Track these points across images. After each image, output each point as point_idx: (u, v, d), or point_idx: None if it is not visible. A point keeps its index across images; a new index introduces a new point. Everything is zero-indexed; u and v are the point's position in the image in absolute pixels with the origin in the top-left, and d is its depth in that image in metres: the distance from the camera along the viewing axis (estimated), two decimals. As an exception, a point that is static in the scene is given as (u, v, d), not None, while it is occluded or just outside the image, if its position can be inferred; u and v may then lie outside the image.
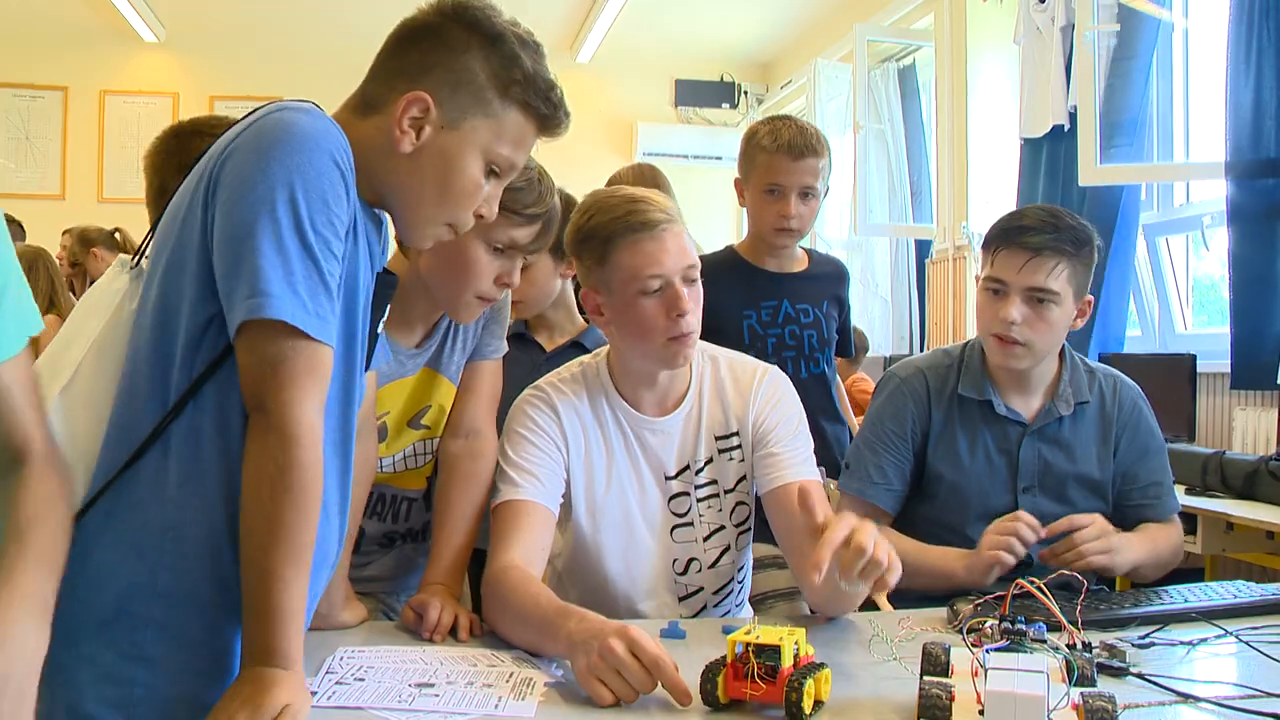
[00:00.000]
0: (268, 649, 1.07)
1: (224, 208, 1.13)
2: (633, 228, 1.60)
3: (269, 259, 1.09)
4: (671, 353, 1.63)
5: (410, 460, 1.74)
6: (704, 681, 1.20)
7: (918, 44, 5.65)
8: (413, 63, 1.25)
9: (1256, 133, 3.44)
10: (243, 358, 1.12)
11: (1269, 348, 3.34)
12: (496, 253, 1.58)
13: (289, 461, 1.08)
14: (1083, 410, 1.92)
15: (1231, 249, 3.54)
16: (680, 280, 1.61)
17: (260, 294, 1.09)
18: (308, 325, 1.10)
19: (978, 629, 1.24)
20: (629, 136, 7.35)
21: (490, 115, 1.26)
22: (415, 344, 1.68)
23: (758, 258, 2.42)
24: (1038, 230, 1.82)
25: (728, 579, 1.76)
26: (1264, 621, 1.55)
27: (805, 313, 2.38)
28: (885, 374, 2.03)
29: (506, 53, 1.26)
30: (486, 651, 1.43)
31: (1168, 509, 1.95)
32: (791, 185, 2.31)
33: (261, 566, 1.08)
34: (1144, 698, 1.23)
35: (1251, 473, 3.02)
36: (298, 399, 1.10)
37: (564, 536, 1.73)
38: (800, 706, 1.14)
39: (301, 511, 1.09)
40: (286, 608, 1.08)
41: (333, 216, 1.14)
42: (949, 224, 5.13)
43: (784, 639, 1.18)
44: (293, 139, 1.13)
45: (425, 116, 1.24)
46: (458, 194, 1.28)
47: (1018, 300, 1.82)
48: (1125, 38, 4.03)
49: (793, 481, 1.65)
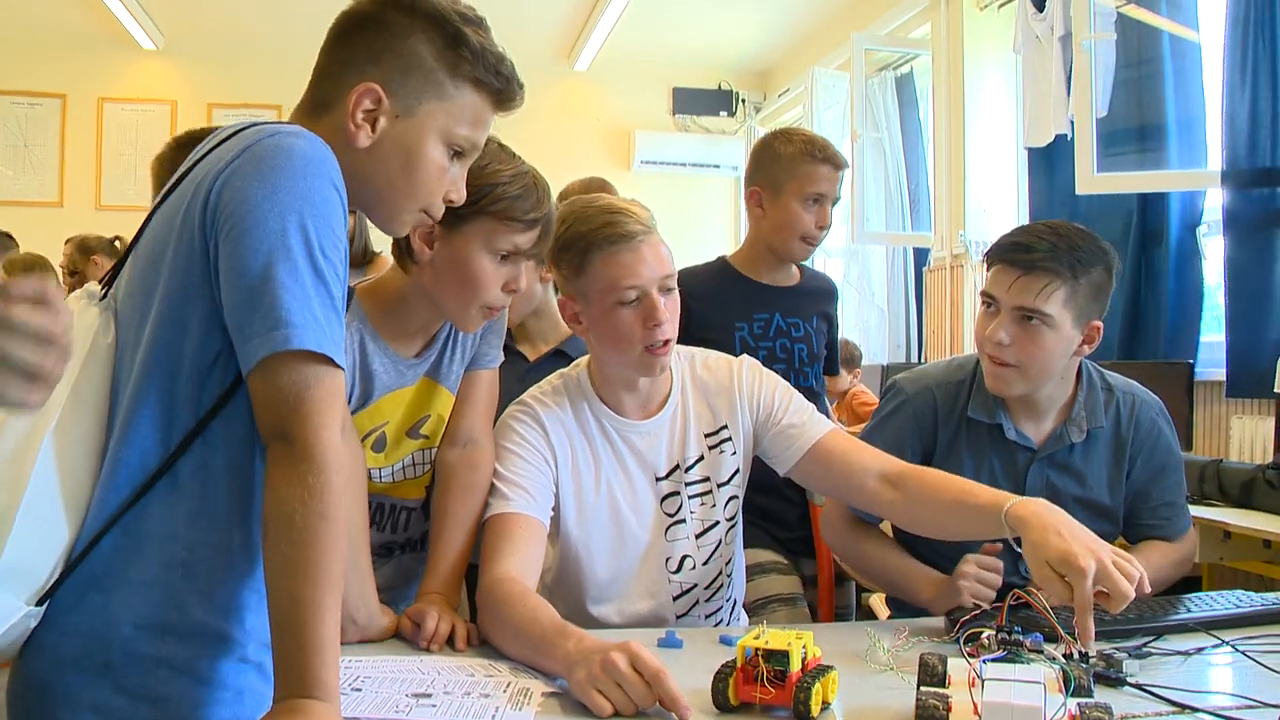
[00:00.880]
0: (305, 679, 1.03)
1: (232, 239, 1.10)
2: (610, 239, 1.62)
3: (289, 289, 1.08)
4: (648, 362, 1.66)
5: (409, 470, 1.73)
6: (715, 685, 1.23)
7: (915, 52, 5.67)
8: (359, 54, 1.23)
9: (1252, 142, 3.46)
10: (261, 389, 1.10)
11: (1265, 356, 3.35)
12: (502, 260, 1.58)
13: (320, 487, 1.07)
14: (1097, 433, 1.85)
15: (1227, 257, 3.56)
16: (657, 290, 1.63)
17: (285, 325, 1.07)
18: (334, 352, 1.10)
19: (975, 639, 1.25)
20: (627, 144, 7.37)
21: (444, 97, 1.25)
22: (414, 354, 1.68)
23: (753, 269, 2.43)
24: (1033, 248, 1.73)
25: (717, 573, 1.78)
26: (1261, 631, 1.55)
27: (796, 326, 2.39)
28: (893, 384, 1.96)
29: (451, 31, 1.24)
30: (484, 661, 1.43)
31: (1178, 529, 1.89)
32: (831, 194, 2.38)
33: (296, 595, 1.05)
34: (1141, 708, 1.23)
35: (1248, 481, 3.02)
36: (325, 424, 1.09)
37: (553, 549, 1.73)
38: (808, 707, 1.17)
39: (334, 537, 1.07)
40: (324, 636, 1.05)
41: (338, 241, 1.14)
42: (946, 233, 5.14)
43: (792, 644, 1.21)
44: (294, 165, 1.12)
45: (379, 107, 1.22)
46: (423, 181, 1.27)
47: (1007, 319, 1.75)
48: (1127, 45, 4.04)
49: (816, 439, 1.74)
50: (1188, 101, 4.05)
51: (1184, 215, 4.02)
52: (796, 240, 2.38)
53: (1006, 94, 5.03)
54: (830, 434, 1.75)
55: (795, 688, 1.19)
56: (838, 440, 1.75)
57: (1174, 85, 4.06)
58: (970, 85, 5.09)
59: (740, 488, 1.80)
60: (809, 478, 1.78)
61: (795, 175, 2.36)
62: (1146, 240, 4.06)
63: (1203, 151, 4.03)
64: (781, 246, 2.40)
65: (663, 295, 1.64)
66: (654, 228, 1.66)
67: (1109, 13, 3.97)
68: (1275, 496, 2.88)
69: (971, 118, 5.08)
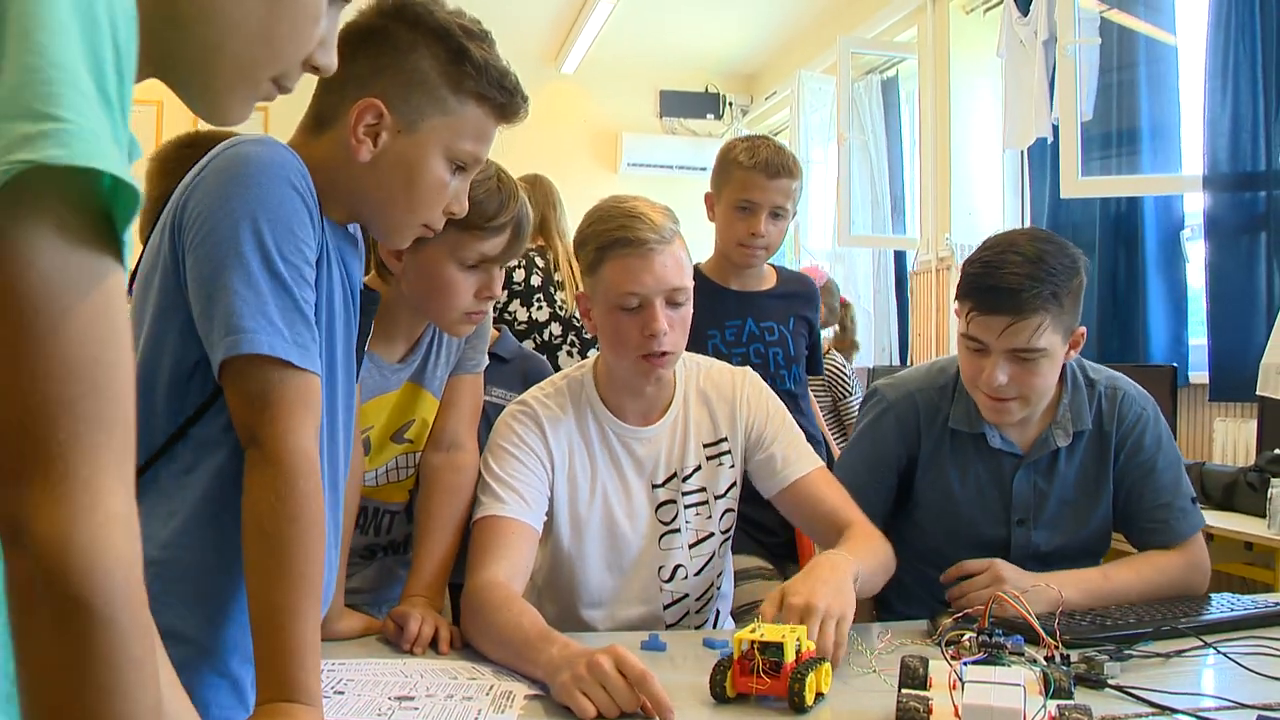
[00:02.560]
0: (286, 683, 1.04)
1: (192, 250, 1.12)
2: (621, 243, 1.61)
3: (240, 295, 1.09)
4: (642, 370, 1.65)
5: (393, 474, 1.73)
6: (713, 676, 1.26)
7: (901, 56, 5.68)
8: (361, 69, 1.22)
9: (1234, 146, 3.48)
10: (231, 397, 1.11)
11: (1248, 359, 3.36)
12: (471, 270, 1.58)
13: (288, 492, 1.07)
14: (1081, 435, 1.82)
15: (1209, 261, 3.58)
16: (662, 301, 1.62)
17: (238, 331, 1.08)
18: (290, 355, 1.10)
19: (956, 642, 1.25)
20: (614, 147, 7.37)
21: (447, 113, 1.25)
22: (398, 359, 1.68)
23: (722, 276, 2.42)
24: (1016, 290, 1.64)
25: (709, 584, 1.78)
26: (1241, 633, 1.56)
27: (770, 330, 2.38)
28: (874, 391, 1.94)
29: (454, 46, 1.24)
30: (467, 664, 1.43)
31: (1177, 534, 1.79)
32: (764, 203, 2.31)
33: (271, 601, 1.05)
34: (1121, 710, 1.24)
35: (1230, 484, 3.05)
36: (291, 429, 1.09)
37: (544, 551, 1.73)
38: (802, 696, 1.21)
39: (306, 542, 1.07)
40: (303, 640, 1.05)
41: (300, 244, 1.14)
42: (932, 236, 5.16)
43: (787, 636, 1.24)
44: (249, 171, 1.12)
45: (380, 122, 1.22)
46: (424, 197, 1.27)
47: (1001, 361, 1.68)
48: (1109, 50, 4.06)
49: (800, 477, 1.74)
50: (1165, 105, 4.08)
51: (1167, 219, 4.04)
52: (734, 246, 2.35)
53: (992, 97, 5.04)
54: (810, 475, 1.74)
55: (790, 678, 1.22)
56: (816, 483, 1.74)
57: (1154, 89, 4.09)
58: (956, 88, 5.11)
59: (735, 500, 1.79)
60: (785, 510, 1.79)
61: (730, 181, 2.35)
62: (1131, 244, 4.08)
63: (1177, 156, 4.06)
64: (725, 252, 2.40)
65: (670, 307, 1.63)
66: (672, 238, 1.63)
67: (1093, 17, 3.99)
68: (1257, 499, 2.89)
69: (957, 121, 5.10)
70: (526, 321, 2.77)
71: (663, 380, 1.71)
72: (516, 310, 2.76)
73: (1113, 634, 1.52)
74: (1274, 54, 3.42)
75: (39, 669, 0.58)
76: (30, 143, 0.54)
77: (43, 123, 0.54)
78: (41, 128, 0.54)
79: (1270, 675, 1.37)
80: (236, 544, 1.12)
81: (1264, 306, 3.43)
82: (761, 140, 2.40)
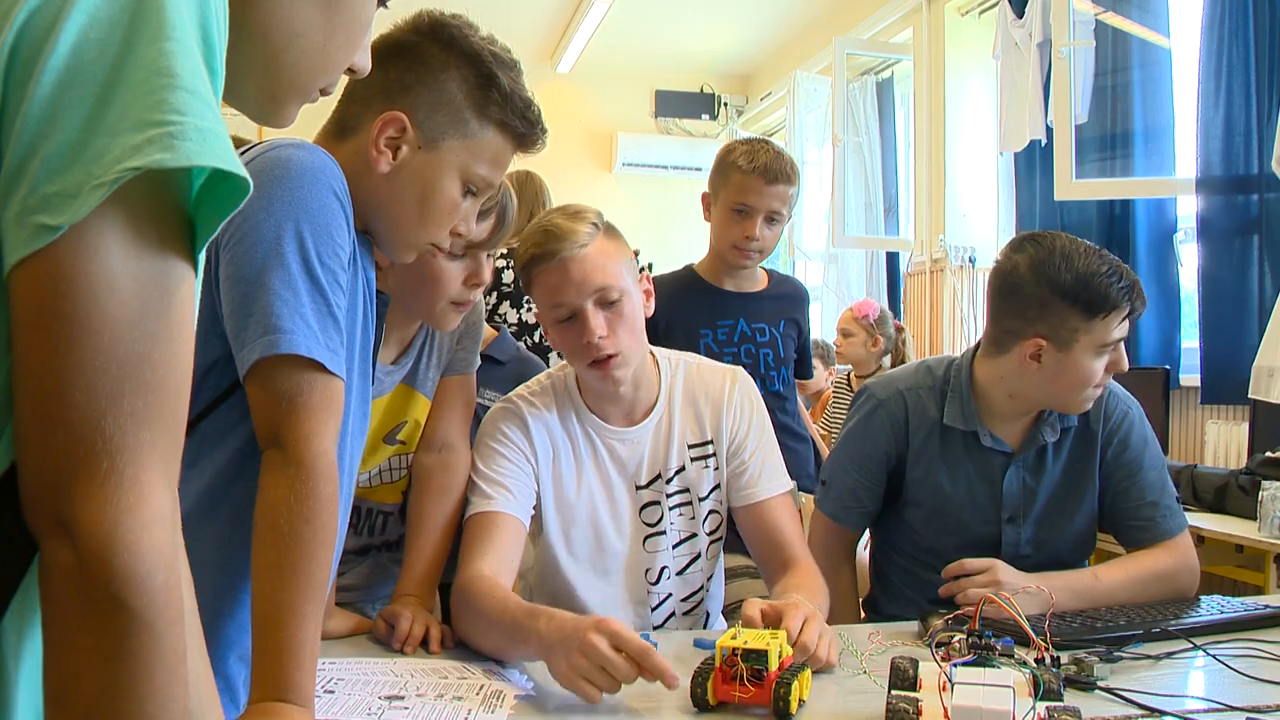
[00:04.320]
0: (281, 682, 1.04)
1: (229, 248, 1.13)
2: (535, 260, 1.61)
3: (280, 296, 1.10)
4: (595, 376, 1.64)
5: (385, 475, 1.73)
6: (694, 684, 1.24)
7: (897, 57, 5.69)
8: (391, 82, 1.24)
9: (1227, 149, 3.49)
10: (256, 395, 1.11)
11: (1240, 362, 3.38)
12: (457, 257, 1.58)
13: (307, 493, 1.07)
14: (1068, 430, 1.84)
15: (1201, 264, 3.59)
16: (593, 304, 1.60)
17: (275, 330, 1.09)
18: (323, 358, 1.11)
19: (946, 643, 1.25)
20: (609, 147, 7.37)
21: (468, 136, 1.26)
22: (391, 360, 1.68)
23: (715, 277, 2.43)
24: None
25: (697, 587, 1.77)
26: (1231, 636, 1.56)
27: (761, 331, 2.40)
28: (864, 390, 1.95)
29: (484, 72, 1.26)
30: (457, 664, 1.43)
31: (1165, 531, 1.80)
32: (760, 208, 2.32)
33: (277, 600, 1.06)
34: (1110, 711, 1.24)
35: (1222, 486, 3.05)
36: (316, 432, 1.10)
37: (535, 550, 1.73)
38: (787, 703, 1.20)
39: (318, 544, 1.08)
40: (302, 641, 1.06)
41: (337, 249, 1.15)
42: (927, 237, 5.17)
43: (770, 643, 1.23)
44: (292, 176, 1.13)
45: (402, 136, 1.23)
46: (436, 214, 1.28)
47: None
48: (1104, 53, 4.07)
49: (764, 499, 1.73)
50: (1159, 108, 4.09)
51: (1160, 222, 4.05)
52: (728, 248, 2.37)
53: (987, 99, 5.06)
54: (774, 500, 1.73)
55: (774, 685, 1.21)
56: (777, 510, 1.73)
57: (1148, 92, 4.10)
58: (951, 90, 5.11)
59: (721, 504, 1.77)
60: (740, 523, 1.77)
61: (727, 184, 2.36)
62: (1124, 246, 4.09)
63: (1171, 159, 4.07)
64: (720, 253, 2.41)
65: (604, 308, 1.61)
66: (590, 240, 1.60)
67: (1088, 20, 4.00)
68: (1248, 501, 2.90)
69: (952, 123, 5.11)
70: (517, 323, 2.77)
71: (626, 382, 1.67)
72: (506, 312, 2.76)
73: (1102, 636, 1.52)
74: (1267, 58, 3.43)
75: (70, 664, 0.57)
76: (138, 150, 0.55)
77: (150, 129, 0.56)
78: (149, 134, 0.56)
79: (1259, 678, 1.38)
80: (235, 540, 1.12)
81: (1256, 309, 3.44)
82: (761, 144, 2.41)
